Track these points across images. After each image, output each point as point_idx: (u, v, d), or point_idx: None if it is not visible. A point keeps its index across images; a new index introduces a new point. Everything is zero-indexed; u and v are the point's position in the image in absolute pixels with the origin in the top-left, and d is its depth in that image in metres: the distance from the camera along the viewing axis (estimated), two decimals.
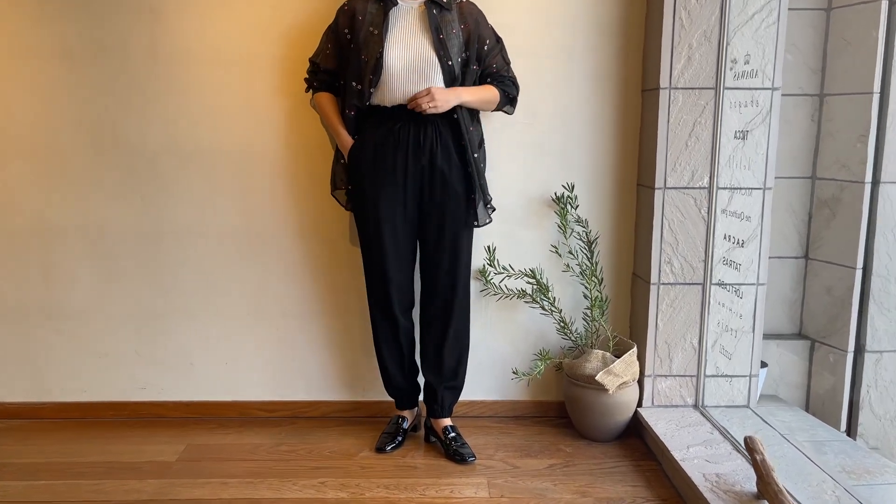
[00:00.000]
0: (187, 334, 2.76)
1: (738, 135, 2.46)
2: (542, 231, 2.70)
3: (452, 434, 2.52)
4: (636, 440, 2.62)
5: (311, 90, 2.48)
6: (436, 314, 2.47)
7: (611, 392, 2.50)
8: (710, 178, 2.50)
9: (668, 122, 2.48)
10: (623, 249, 2.73)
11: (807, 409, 3.03)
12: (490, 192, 2.47)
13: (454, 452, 2.46)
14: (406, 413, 2.63)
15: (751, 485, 2.06)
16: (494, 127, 2.59)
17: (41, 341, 2.76)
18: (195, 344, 2.77)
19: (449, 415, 2.57)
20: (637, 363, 2.58)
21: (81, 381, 2.79)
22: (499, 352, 2.79)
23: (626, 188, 2.69)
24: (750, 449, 2.02)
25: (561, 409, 2.79)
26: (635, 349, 2.58)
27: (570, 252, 2.66)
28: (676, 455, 2.27)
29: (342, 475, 2.36)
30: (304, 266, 2.72)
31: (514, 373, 2.56)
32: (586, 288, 2.62)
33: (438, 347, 2.49)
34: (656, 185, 2.51)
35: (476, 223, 2.41)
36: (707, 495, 2.03)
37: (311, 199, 2.66)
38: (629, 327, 2.78)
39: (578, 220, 2.65)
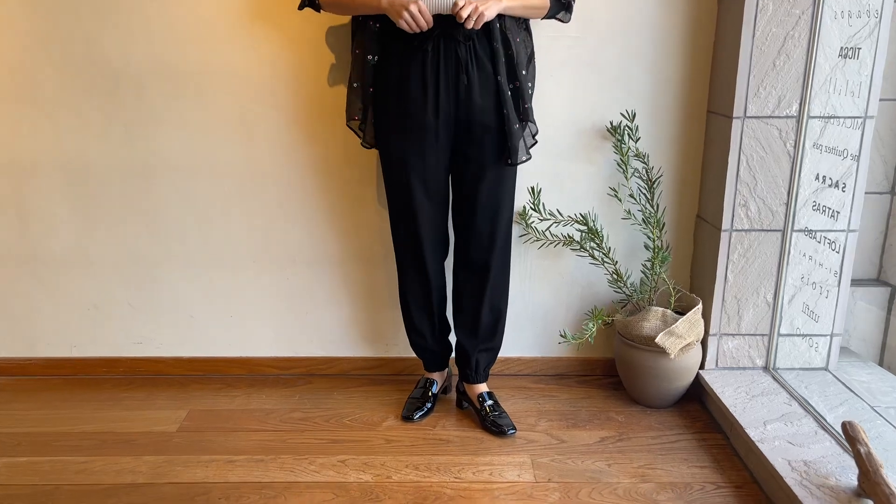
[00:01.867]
0: (185, 284, 2.43)
1: (842, 52, 2.02)
2: (593, 167, 2.31)
3: (489, 402, 2.21)
4: (696, 406, 2.31)
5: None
6: (471, 267, 2.12)
7: (672, 357, 2.16)
8: (801, 105, 2.08)
9: (754, 36, 2.04)
10: (687, 190, 2.34)
11: (880, 363, 2.70)
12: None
13: (491, 423, 2.16)
14: (435, 376, 2.32)
15: (848, 478, 1.75)
16: (536, 40, 2.15)
17: (22, 292, 2.44)
18: (194, 295, 2.44)
19: (485, 380, 2.25)
20: (702, 321, 2.24)
21: (70, 335, 2.48)
22: (540, 304, 2.45)
23: (694, 116, 2.28)
24: (851, 438, 1.70)
25: (609, 367, 2.48)
26: (700, 306, 2.23)
27: (632, 195, 2.27)
28: (752, 434, 1.95)
29: (365, 451, 2.07)
30: (315, 207, 2.35)
31: (561, 336, 2.22)
32: (649, 238, 2.24)
33: (474, 305, 2.15)
34: (734, 114, 2.10)
35: (510, 160, 1.99)
36: (797, 490, 1.72)
37: (323, 130, 2.27)
38: (690, 278, 2.42)
39: (638, 155, 2.25)
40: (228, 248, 2.39)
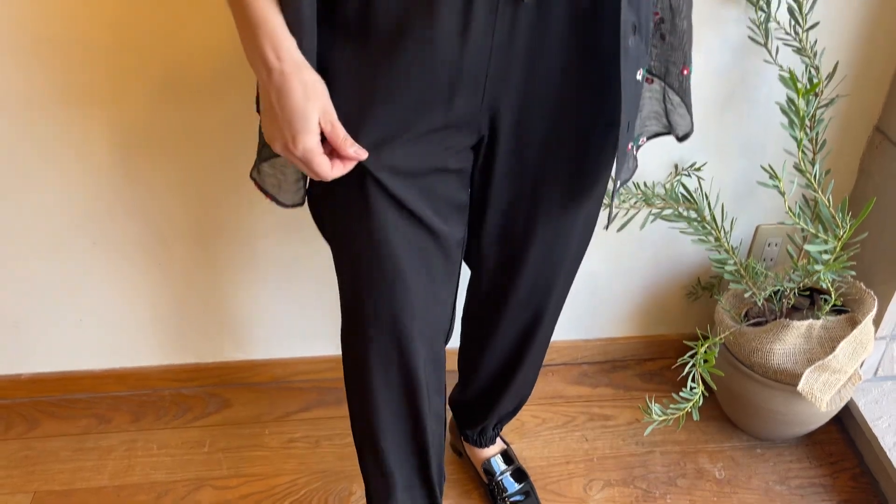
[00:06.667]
0: None
1: None
2: (702, 49, 1.21)
3: (504, 471, 1.35)
4: (835, 434, 1.48)
5: None
6: (510, 328, 1.11)
7: (821, 408, 1.27)
8: None
9: None
10: (864, 104, 1.26)
11: None
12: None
13: None
14: None
15: None
16: None
17: None
18: (6, 298, 1.45)
19: (496, 440, 1.38)
20: (872, 330, 1.31)
21: None
22: (586, 272, 1.49)
23: None
24: None
25: (683, 350, 1.59)
26: (875, 310, 1.28)
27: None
28: None
29: None
30: (186, 154, 1.28)
31: (644, 413, 1.25)
32: (804, 214, 1.19)
33: (508, 369, 1.18)
34: None
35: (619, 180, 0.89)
36: None
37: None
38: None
39: (801, 47, 1.13)
40: (43, 226, 1.35)
